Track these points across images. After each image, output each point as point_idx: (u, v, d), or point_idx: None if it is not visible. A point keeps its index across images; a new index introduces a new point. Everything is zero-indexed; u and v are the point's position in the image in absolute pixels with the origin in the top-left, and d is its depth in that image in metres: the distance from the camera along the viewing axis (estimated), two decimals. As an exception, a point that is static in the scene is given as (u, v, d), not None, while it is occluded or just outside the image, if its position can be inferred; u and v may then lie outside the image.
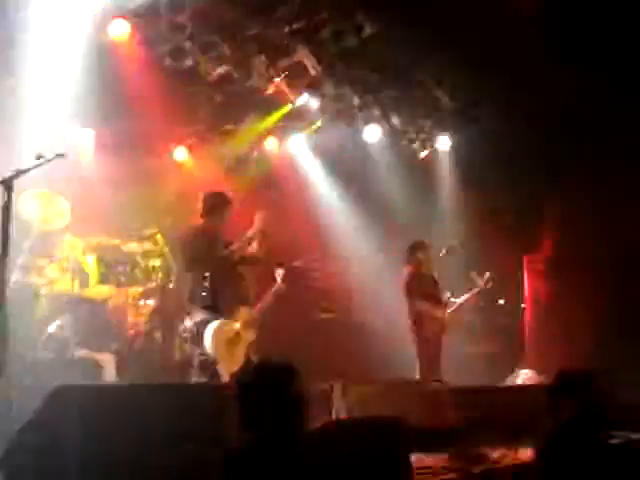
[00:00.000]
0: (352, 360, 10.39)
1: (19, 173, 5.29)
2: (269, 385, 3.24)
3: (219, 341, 7.30)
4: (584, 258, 11.19)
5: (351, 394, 7.26)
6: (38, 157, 5.30)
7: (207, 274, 7.28)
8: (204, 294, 7.33)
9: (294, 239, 11.00)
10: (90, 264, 8.98)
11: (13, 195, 5.22)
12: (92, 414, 4.57)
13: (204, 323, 7.38)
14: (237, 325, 7.50)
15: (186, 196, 10.45)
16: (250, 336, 7.61)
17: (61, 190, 8.83)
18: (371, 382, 7.90)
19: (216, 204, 7.78)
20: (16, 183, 5.25)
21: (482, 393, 8.24)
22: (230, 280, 7.61)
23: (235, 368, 7.20)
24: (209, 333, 7.30)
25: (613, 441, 4.22)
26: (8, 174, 5.19)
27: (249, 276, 8.04)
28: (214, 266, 7.40)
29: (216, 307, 7.43)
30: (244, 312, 7.61)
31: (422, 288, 9.17)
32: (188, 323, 7.51)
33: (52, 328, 7.89)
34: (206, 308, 7.42)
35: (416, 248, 9.30)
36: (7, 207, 5.18)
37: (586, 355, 10.09)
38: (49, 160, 5.37)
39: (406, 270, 9.27)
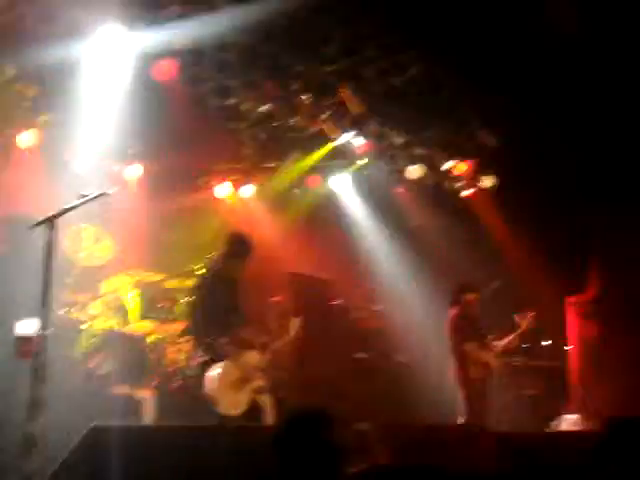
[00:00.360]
0: (393, 402, 10.25)
1: (63, 211, 5.32)
2: (304, 435, 3.16)
3: (220, 384, 6.98)
4: (631, 301, 10.97)
5: (391, 437, 7.11)
6: (81, 196, 5.31)
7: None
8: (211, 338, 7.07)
9: (337, 278, 10.96)
10: (132, 300, 9.01)
11: (57, 232, 5.27)
12: (128, 455, 4.52)
13: (208, 364, 7.12)
14: (241, 369, 7.14)
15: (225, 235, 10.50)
16: (257, 381, 7.22)
17: (105, 226, 8.92)
18: (413, 425, 7.75)
19: (243, 248, 7.45)
20: (61, 219, 5.30)
21: (528, 439, 8.05)
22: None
23: (235, 412, 6.93)
24: (210, 375, 7.06)
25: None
26: (52, 212, 5.23)
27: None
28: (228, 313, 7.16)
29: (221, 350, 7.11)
30: (252, 356, 7.27)
31: (468, 330, 9.04)
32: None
33: (93, 364, 7.89)
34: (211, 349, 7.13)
35: (463, 289, 9.19)
36: (50, 244, 5.20)
37: (631, 400, 9.87)
38: (93, 198, 5.39)
39: (453, 311, 9.15)
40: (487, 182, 11.70)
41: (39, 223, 5.21)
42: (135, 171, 10.34)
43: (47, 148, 9.12)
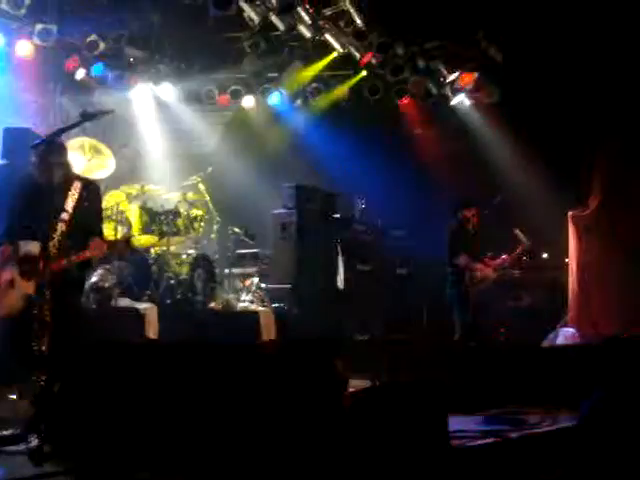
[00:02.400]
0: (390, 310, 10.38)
1: (62, 130, 5.28)
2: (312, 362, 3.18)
3: None
4: (631, 216, 10.98)
5: (391, 349, 7.26)
6: (83, 114, 5.24)
7: None
8: None
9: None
10: (134, 214, 8.99)
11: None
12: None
13: None
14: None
15: (228, 146, 10.49)
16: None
17: (103, 139, 8.85)
18: (412, 337, 7.86)
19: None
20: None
21: (522, 353, 8.18)
22: None
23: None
24: None
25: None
26: (51, 133, 5.19)
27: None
28: None
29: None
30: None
31: (465, 244, 9.09)
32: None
33: (95, 277, 7.94)
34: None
35: (462, 205, 9.19)
36: (49, 162, 5.19)
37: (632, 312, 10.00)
38: (93, 117, 5.33)
39: (451, 226, 9.19)
40: (490, 95, 11.55)
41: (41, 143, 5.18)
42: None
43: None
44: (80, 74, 9.95)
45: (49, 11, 9.09)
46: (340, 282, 10.06)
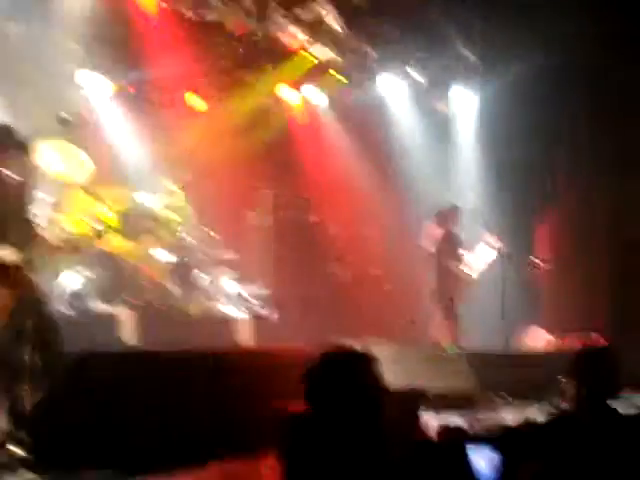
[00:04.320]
0: (367, 313, 10.45)
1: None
2: (342, 378, 2.99)
3: None
4: (598, 214, 11.21)
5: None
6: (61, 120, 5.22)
7: None
8: None
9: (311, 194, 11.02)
10: (107, 217, 8.92)
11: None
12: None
13: None
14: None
15: (203, 150, 10.47)
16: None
17: (77, 142, 8.77)
18: (390, 342, 7.92)
19: None
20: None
21: (497, 357, 8.32)
22: None
23: None
24: None
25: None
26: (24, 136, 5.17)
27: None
28: None
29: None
30: None
31: (446, 246, 9.27)
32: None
33: (74, 284, 7.89)
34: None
35: (447, 211, 9.42)
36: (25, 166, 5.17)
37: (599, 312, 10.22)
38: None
39: (432, 227, 9.35)
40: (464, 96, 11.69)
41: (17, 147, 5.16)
42: (107, 85, 10.13)
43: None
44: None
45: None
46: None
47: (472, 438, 4.64)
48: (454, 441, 4.13)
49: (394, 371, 7.01)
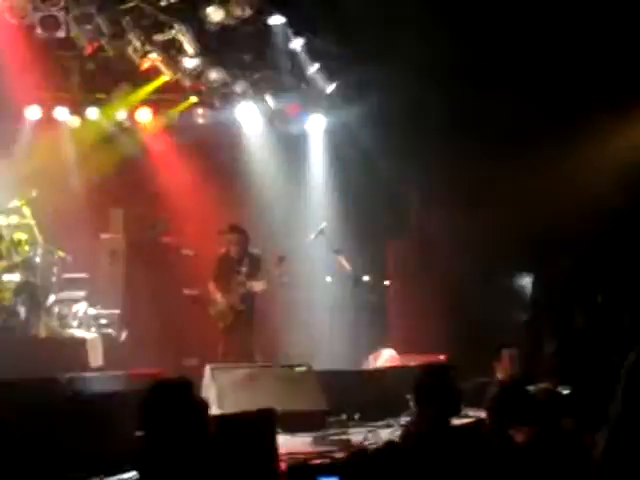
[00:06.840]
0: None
1: None
2: (175, 400, 3.24)
3: None
4: (447, 243, 11.60)
5: (220, 378, 7.38)
6: None
7: None
8: None
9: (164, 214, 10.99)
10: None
11: None
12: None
13: None
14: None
15: (53, 167, 10.27)
16: None
17: None
18: (239, 366, 7.98)
19: None
20: None
21: (348, 376, 8.54)
22: None
23: None
24: None
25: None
26: None
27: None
28: None
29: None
30: None
31: (221, 269, 9.23)
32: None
33: None
34: None
35: (229, 230, 9.34)
36: None
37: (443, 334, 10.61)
38: None
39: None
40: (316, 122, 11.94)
41: None
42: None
43: None
44: None
45: None
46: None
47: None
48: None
49: (248, 392, 7.23)
